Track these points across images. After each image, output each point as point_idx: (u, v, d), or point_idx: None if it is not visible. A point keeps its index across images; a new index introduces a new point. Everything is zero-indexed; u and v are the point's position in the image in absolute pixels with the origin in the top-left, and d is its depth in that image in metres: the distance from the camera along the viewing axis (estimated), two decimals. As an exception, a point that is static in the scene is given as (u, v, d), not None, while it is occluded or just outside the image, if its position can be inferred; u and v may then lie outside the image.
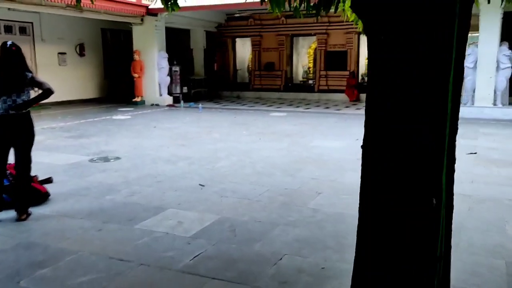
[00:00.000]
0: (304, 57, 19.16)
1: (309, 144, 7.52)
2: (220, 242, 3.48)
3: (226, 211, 4.18)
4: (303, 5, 3.54)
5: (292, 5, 3.89)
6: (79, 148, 7.27)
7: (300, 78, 18.92)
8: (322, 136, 8.32)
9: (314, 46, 18.96)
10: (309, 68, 19.34)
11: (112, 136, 8.49)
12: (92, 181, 5.29)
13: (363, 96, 15.48)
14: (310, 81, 18.35)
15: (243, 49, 19.72)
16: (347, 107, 13.63)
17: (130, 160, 6.39)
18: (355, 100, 15.33)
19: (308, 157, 6.53)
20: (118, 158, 6.53)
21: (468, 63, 10.22)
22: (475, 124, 9.59)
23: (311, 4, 3.62)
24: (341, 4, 3.82)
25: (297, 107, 13.71)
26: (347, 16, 4.19)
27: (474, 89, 10.20)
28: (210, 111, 12.62)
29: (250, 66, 19.65)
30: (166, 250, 3.33)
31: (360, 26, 4.02)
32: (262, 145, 7.55)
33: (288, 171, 5.70)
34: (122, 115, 11.64)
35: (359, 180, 1.91)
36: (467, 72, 10.38)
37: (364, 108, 1.90)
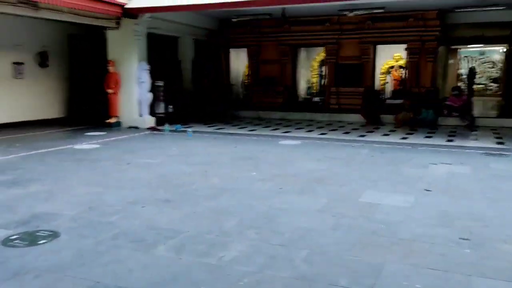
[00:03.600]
0: (307, 71, 16.80)
1: (359, 200, 4.96)
2: None
3: None
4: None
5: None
6: (0, 210, 4.57)
7: (303, 95, 16.51)
8: (369, 183, 5.77)
9: (318, 58, 16.67)
10: (313, 83, 16.98)
11: (61, 181, 5.79)
12: (-20, 312, 2.63)
13: (383, 117, 13.10)
14: (316, 99, 15.95)
15: (237, 61, 17.26)
16: (370, 131, 11.16)
17: (74, 240, 3.73)
18: (373, 121, 12.90)
19: (375, 232, 3.95)
20: (55, 234, 3.86)
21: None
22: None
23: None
24: None
25: (309, 131, 11.19)
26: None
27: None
28: (202, 137, 10.01)
29: (245, 81, 17.19)
30: None
31: None
32: (287, 200, 4.97)
33: (361, 275, 3.10)
34: (88, 143, 8.93)
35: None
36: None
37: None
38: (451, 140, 9.55)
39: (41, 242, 3.67)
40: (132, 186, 5.57)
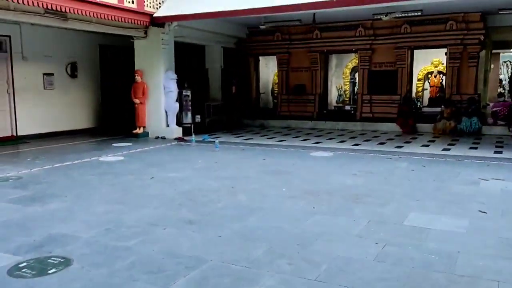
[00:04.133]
0: (338, 79, 16.20)
1: (404, 224, 4.40)
2: None
3: None
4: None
5: None
6: (15, 231, 4.29)
7: (334, 103, 15.93)
8: (414, 202, 5.18)
9: (350, 65, 16.09)
10: (345, 91, 16.37)
11: (82, 199, 5.51)
12: None
13: (420, 126, 12.38)
14: (347, 107, 15.34)
15: (266, 69, 16.91)
16: (406, 142, 10.47)
17: (86, 269, 3.36)
18: (409, 131, 12.19)
19: (428, 265, 3.39)
20: (66, 261, 3.51)
21: None
22: None
23: None
24: None
25: (342, 142, 10.61)
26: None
27: None
28: (229, 148, 9.62)
29: (275, 89, 16.80)
30: None
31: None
32: (322, 223, 4.47)
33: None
34: (114, 155, 8.71)
35: None
36: None
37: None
38: (499, 152, 8.76)
39: (50, 271, 3.33)
40: (154, 204, 5.21)
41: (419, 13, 11.41)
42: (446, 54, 12.65)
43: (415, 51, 13.31)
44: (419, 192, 5.66)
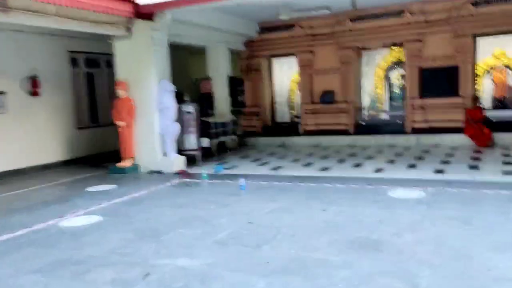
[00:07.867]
0: (369, 81, 13.22)
1: None
2: None
3: None
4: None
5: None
6: None
7: (366, 111, 12.93)
8: None
9: (384, 63, 13.16)
10: (377, 96, 13.39)
11: None
12: None
13: (498, 136, 9.41)
14: (385, 115, 12.42)
15: (280, 74, 13.88)
16: (507, 163, 7.45)
17: None
18: (486, 144, 9.21)
19: None
20: None
21: None
22: None
23: None
24: None
25: (411, 166, 7.56)
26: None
27: None
28: (259, 188, 6.52)
29: (292, 98, 13.79)
30: None
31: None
32: None
33: None
34: (85, 212, 5.57)
35: None
36: None
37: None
38: None
39: None
40: None
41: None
42: (524, 41, 9.75)
43: (479, 40, 10.37)
44: None
